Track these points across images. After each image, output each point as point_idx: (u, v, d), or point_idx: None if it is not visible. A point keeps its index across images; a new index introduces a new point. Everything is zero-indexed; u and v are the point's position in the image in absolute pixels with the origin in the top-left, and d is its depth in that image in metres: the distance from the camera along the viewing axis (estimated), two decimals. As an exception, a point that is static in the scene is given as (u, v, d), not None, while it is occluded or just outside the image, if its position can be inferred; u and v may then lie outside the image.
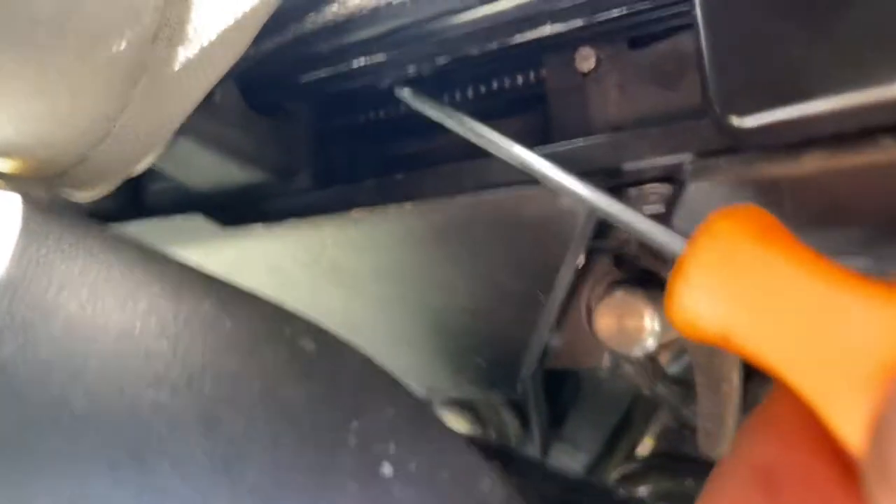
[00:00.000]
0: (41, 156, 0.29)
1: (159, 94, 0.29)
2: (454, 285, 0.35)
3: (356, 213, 0.36)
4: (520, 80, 0.37)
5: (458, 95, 0.39)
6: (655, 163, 0.30)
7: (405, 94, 0.35)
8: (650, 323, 0.34)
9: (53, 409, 0.21)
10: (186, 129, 0.34)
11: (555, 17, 0.31)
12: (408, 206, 0.34)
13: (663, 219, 0.29)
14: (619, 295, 0.35)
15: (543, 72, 0.36)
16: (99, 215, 0.46)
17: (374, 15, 0.32)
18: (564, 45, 0.34)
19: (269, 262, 0.40)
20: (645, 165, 0.30)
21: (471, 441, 0.32)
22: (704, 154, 0.28)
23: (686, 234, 0.25)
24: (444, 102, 0.34)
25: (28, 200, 0.27)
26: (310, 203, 0.39)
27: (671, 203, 0.29)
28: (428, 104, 0.34)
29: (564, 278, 0.33)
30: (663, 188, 0.31)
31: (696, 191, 0.28)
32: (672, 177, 0.30)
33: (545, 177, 0.29)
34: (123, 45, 0.26)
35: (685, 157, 0.29)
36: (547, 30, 0.32)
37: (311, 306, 0.39)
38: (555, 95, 0.35)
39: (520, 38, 0.33)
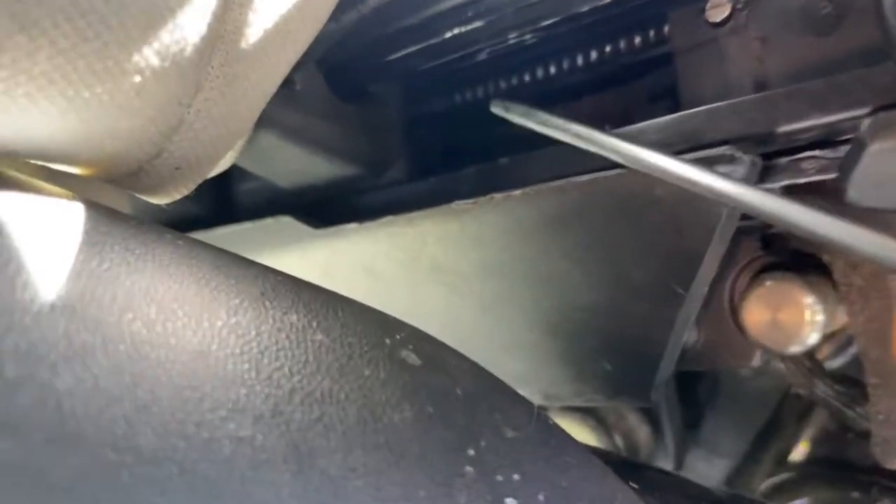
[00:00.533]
0: (110, 150, 0.26)
1: (235, 73, 0.25)
2: (572, 280, 0.31)
3: (457, 206, 0.31)
4: (638, 40, 0.32)
5: (565, 64, 0.35)
6: (818, 121, 0.24)
7: (500, 108, 0.30)
8: (811, 315, 0.29)
9: (118, 451, 0.18)
10: (267, 120, 0.31)
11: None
12: (515, 193, 0.30)
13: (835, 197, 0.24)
14: (771, 284, 0.29)
15: (666, 28, 0.31)
16: (185, 222, 0.44)
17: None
18: (690, -8, 0.29)
19: (365, 263, 0.36)
20: (804, 126, 0.25)
21: (596, 453, 0.27)
22: (886, 107, 0.23)
23: (866, 207, 0.19)
24: (549, 111, 0.29)
25: (94, 207, 0.24)
26: (405, 196, 0.36)
27: (846, 170, 0.23)
28: (532, 116, 0.29)
29: (708, 268, 0.28)
30: (824, 155, 0.25)
31: (877, 153, 0.23)
32: (837, 139, 0.25)
33: (685, 180, 0.24)
34: (192, 14, 0.23)
35: (859, 113, 0.23)
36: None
37: (412, 310, 0.36)
38: (683, 54, 0.30)
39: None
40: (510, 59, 0.34)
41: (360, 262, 0.37)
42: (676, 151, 0.26)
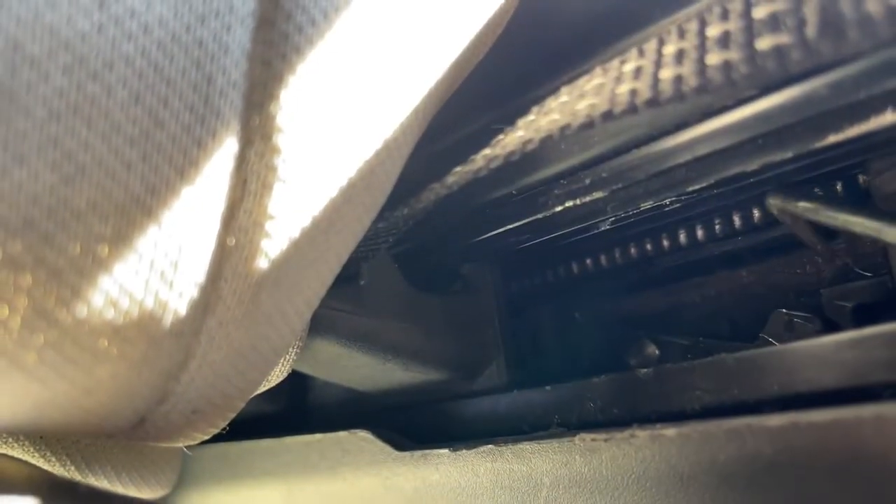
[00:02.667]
0: (88, 407, 0.18)
1: (257, 285, 0.18)
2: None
3: (582, 441, 0.23)
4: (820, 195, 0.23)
5: (701, 233, 0.26)
6: None
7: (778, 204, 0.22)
8: None
9: None
10: (324, 326, 0.24)
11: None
12: (669, 433, 0.20)
13: None
14: None
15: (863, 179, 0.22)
16: (256, 424, 0.37)
17: (582, 136, 0.20)
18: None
19: (463, 500, 0.27)
20: None
21: None
22: None
23: None
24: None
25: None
26: (507, 410, 0.27)
27: None
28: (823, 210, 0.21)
29: None
30: None
31: None
32: None
33: None
34: (187, 231, 0.16)
35: None
36: (887, 119, 0.18)
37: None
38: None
39: (834, 137, 0.19)
40: (637, 227, 0.26)
41: (456, 501, 0.28)
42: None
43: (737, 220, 0.25)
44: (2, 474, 0.18)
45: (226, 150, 0.15)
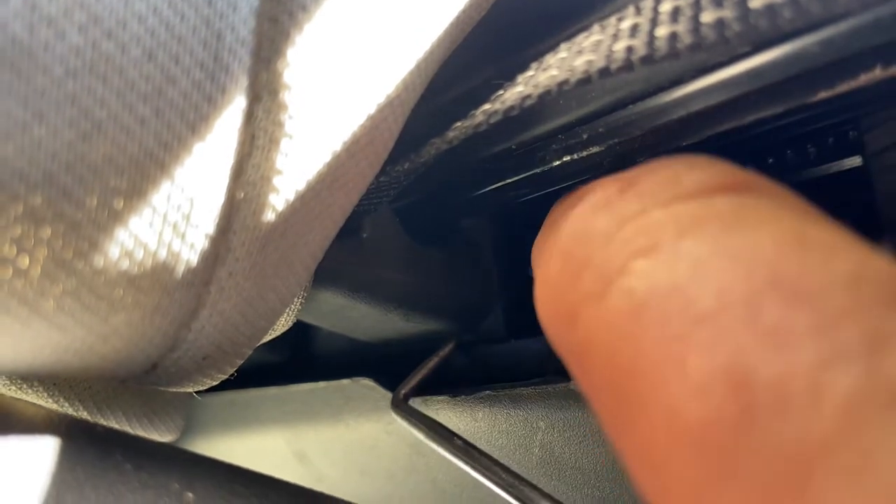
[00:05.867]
0: (103, 352, 0.19)
1: (264, 237, 0.19)
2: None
3: (577, 386, 0.23)
4: (812, 152, 0.24)
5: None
6: None
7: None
8: None
9: None
10: (328, 277, 0.25)
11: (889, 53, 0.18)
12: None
13: None
14: None
15: (853, 134, 0.23)
16: (261, 373, 0.38)
17: (579, 92, 0.20)
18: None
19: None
20: None
21: None
22: None
23: None
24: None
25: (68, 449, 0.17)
26: (505, 359, 0.28)
27: None
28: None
29: None
30: None
31: None
32: None
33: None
34: (197, 184, 0.16)
35: None
36: (876, 75, 0.19)
37: (522, 508, 0.27)
38: (883, 174, 0.21)
39: (825, 93, 0.19)
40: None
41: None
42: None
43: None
44: (21, 416, 0.19)
45: (235, 106, 0.16)
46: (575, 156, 0.22)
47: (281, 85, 0.16)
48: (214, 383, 0.23)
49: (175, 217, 0.16)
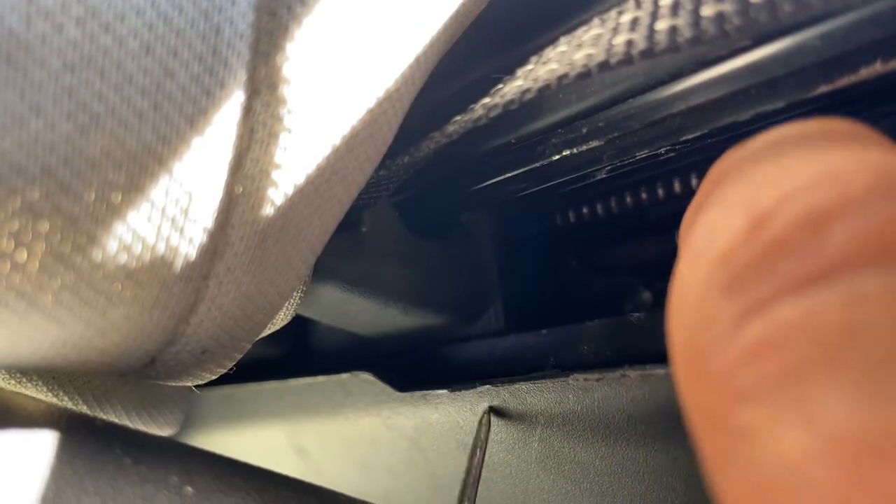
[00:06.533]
0: (102, 347, 0.19)
1: (263, 230, 0.19)
2: None
3: (575, 381, 0.23)
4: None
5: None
6: None
7: None
8: None
9: None
10: (327, 271, 0.25)
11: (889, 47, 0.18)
12: (658, 372, 0.21)
13: None
14: None
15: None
16: (259, 366, 0.38)
17: (579, 86, 0.20)
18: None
19: (460, 439, 0.29)
20: None
21: None
22: None
23: None
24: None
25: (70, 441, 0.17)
26: (504, 353, 0.28)
27: None
28: None
29: None
30: None
31: None
32: None
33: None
34: (196, 178, 0.16)
35: None
36: (876, 69, 0.18)
37: (521, 502, 0.27)
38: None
39: (825, 88, 0.19)
40: (633, 175, 0.27)
41: (454, 439, 0.29)
42: None
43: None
44: (20, 409, 0.19)
45: (233, 100, 0.16)
46: (574, 150, 0.22)
47: (280, 79, 0.16)
48: (213, 377, 0.23)
49: (173, 211, 0.16)
